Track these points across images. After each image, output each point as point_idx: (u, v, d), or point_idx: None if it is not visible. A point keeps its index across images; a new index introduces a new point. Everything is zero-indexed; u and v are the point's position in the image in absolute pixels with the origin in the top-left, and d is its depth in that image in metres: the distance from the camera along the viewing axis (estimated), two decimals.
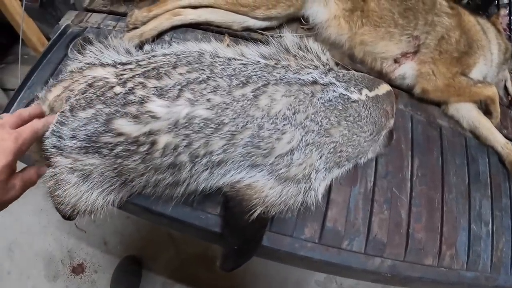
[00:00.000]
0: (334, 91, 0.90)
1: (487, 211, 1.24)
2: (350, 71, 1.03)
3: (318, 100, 0.87)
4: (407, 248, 1.08)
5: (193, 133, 0.76)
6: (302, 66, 0.93)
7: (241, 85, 0.82)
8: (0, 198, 0.67)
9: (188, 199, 0.89)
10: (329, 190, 1.04)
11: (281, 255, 1.01)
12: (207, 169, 0.81)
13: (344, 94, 0.91)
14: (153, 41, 1.16)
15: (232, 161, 0.82)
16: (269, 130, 0.81)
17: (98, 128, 0.74)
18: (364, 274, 1.07)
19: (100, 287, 1.67)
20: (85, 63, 0.89)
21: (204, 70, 0.83)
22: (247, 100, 0.81)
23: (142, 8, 1.19)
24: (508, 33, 1.47)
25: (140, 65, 0.85)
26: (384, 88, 1.04)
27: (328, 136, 0.88)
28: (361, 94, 0.95)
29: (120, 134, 0.74)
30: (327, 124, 0.87)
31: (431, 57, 1.23)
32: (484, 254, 1.19)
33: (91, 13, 1.27)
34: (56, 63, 1.13)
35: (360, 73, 1.05)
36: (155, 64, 0.84)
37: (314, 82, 0.89)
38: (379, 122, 0.99)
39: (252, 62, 0.89)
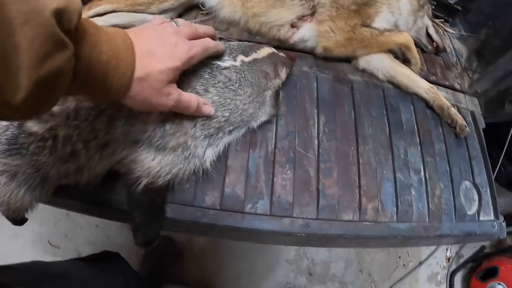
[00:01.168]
0: (200, 62, 0.93)
1: (417, 158, 1.18)
2: (229, 43, 1.06)
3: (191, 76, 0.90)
4: (318, 206, 1.04)
5: (80, 122, 0.83)
6: None
7: None
8: (149, 98, 0.63)
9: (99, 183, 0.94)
10: (226, 157, 1.05)
11: (187, 226, 1.02)
12: (97, 151, 0.87)
13: (213, 64, 0.94)
14: None
15: (116, 141, 0.87)
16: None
17: (14, 131, 0.83)
18: (276, 236, 1.04)
19: None
20: None
21: None
22: None
23: None
24: None
25: None
26: (265, 51, 1.06)
27: None
28: (235, 60, 0.98)
29: (31, 134, 0.83)
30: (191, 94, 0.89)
31: (328, 15, 1.22)
32: (418, 203, 1.13)
33: None
34: None
35: (242, 42, 1.08)
36: None
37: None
38: (258, 83, 1.00)
39: None
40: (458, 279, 2.38)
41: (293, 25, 1.25)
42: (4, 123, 0.84)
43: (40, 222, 1.92)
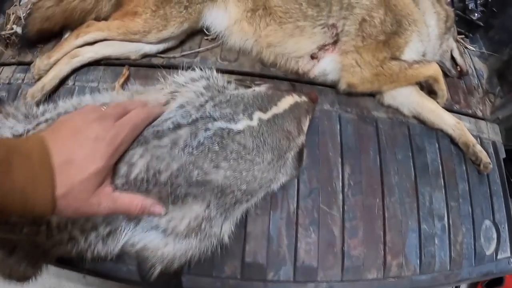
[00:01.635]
0: (207, 129, 0.78)
1: (441, 204, 1.13)
2: (242, 92, 0.91)
3: (181, 150, 0.76)
4: (343, 267, 1.00)
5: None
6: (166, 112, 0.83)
7: None
8: (79, 210, 0.56)
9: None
10: (244, 224, 0.96)
11: None
12: (99, 240, 0.78)
13: (223, 128, 0.80)
14: (56, 90, 1.10)
15: (120, 229, 0.77)
16: None
17: None
18: None
19: None
20: None
21: None
22: None
23: (43, 56, 1.11)
24: None
25: None
26: (286, 102, 0.91)
27: (207, 184, 0.78)
28: (251, 119, 0.83)
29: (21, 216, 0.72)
30: (199, 176, 0.76)
31: (353, 45, 1.07)
32: (440, 252, 1.10)
33: (2, 67, 1.21)
34: None
35: (258, 91, 0.93)
36: None
37: (177, 127, 0.77)
38: (279, 146, 0.87)
39: None
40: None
41: (313, 56, 1.10)
42: None
43: None
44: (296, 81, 1.13)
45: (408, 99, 1.14)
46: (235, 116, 0.81)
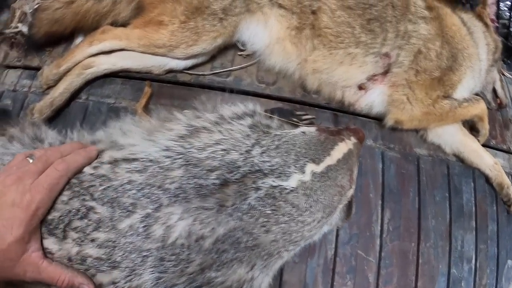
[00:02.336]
0: (258, 188, 0.68)
1: (471, 246, 1.10)
2: (291, 135, 0.79)
3: (229, 215, 0.66)
4: None
5: (89, 268, 0.64)
6: (208, 152, 0.71)
7: (126, 214, 0.65)
8: (5, 276, 0.56)
9: None
10: (281, 271, 0.90)
11: None
12: None
13: (275, 186, 0.69)
14: (68, 105, 0.95)
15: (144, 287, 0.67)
16: (171, 261, 0.65)
17: None
18: None
19: None
20: None
21: (84, 195, 0.66)
22: (137, 235, 0.64)
23: (52, 64, 0.94)
24: (496, 23, 1.17)
25: None
26: (340, 150, 0.80)
27: (255, 249, 0.70)
28: (303, 173, 0.72)
29: None
30: (248, 242, 0.67)
31: (405, 78, 0.98)
32: None
33: (6, 69, 1.03)
34: None
35: (309, 134, 0.82)
36: None
37: (223, 184, 0.67)
38: (331, 203, 0.78)
39: (142, 168, 0.69)
40: None
41: (361, 87, 0.99)
42: None
43: None
44: (339, 111, 1.03)
45: (452, 138, 1.07)
46: (286, 169, 0.71)
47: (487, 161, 1.11)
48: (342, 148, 0.81)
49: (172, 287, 0.69)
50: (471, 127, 1.12)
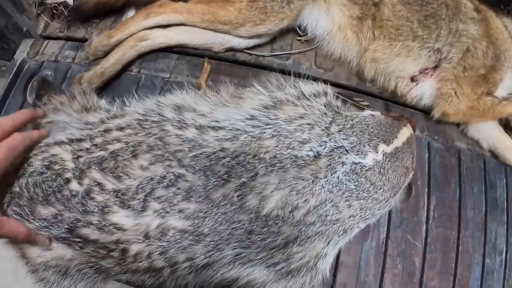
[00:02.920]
0: (343, 163, 0.71)
1: (502, 239, 1.15)
2: (362, 116, 0.82)
3: (322, 187, 0.68)
4: None
5: (168, 244, 0.64)
6: (296, 124, 0.73)
7: (221, 182, 0.65)
8: None
9: None
10: (339, 252, 0.91)
11: None
12: (190, 272, 0.69)
13: (356, 163, 0.72)
14: (118, 76, 0.93)
15: (219, 263, 0.69)
16: (259, 234, 0.67)
17: (62, 234, 0.64)
18: None
19: None
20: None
21: (171, 160, 0.66)
22: (231, 205, 0.65)
23: (102, 34, 0.94)
24: None
25: (95, 144, 0.69)
26: (405, 133, 0.85)
27: (336, 223, 0.72)
28: (377, 152, 0.75)
29: (87, 240, 0.64)
30: (334, 215, 0.70)
31: (453, 73, 1.03)
32: (495, 286, 1.12)
33: (47, 40, 1.02)
34: (16, 109, 0.94)
35: (378, 117, 0.85)
36: (112, 146, 0.68)
37: (317, 157, 0.69)
38: (398, 183, 0.81)
39: (232, 137, 0.70)
40: None
41: (413, 79, 1.04)
42: (47, 213, 0.65)
43: None
44: (390, 101, 1.07)
45: (490, 134, 1.13)
46: (362, 148, 0.74)
47: None
48: (406, 132, 0.85)
49: (248, 263, 0.70)
50: (505, 125, 1.19)
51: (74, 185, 0.64)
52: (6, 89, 0.92)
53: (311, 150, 0.70)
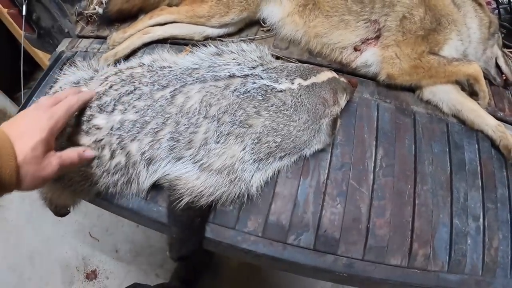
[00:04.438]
0: (254, 82, 0.92)
1: (477, 204, 1.09)
2: (287, 63, 1.03)
3: (231, 92, 0.90)
4: (366, 245, 0.99)
5: (123, 132, 0.88)
6: (225, 64, 0.98)
7: (161, 88, 0.92)
8: (36, 173, 0.69)
9: (144, 194, 0.98)
10: (275, 183, 1.02)
11: (225, 248, 1.00)
12: (143, 167, 0.90)
13: (267, 85, 0.93)
14: (127, 58, 1.29)
15: (160, 157, 0.90)
16: (184, 125, 0.88)
17: (62, 143, 0.88)
18: (316, 272, 1.00)
19: None
20: (63, 83, 1.04)
21: (133, 82, 0.94)
22: (165, 100, 0.90)
23: (119, 31, 1.32)
24: (494, 7, 1.31)
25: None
26: (325, 75, 1.01)
27: (247, 127, 0.89)
28: (292, 83, 0.95)
29: (78, 145, 0.89)
30: (242, 116, 0.89)
31: (393, 39, 1.15)
32: (473, 254, 1.04)
33: (81, 39, 1.44)
34: (52, 84, 1.30)
35: (301, 64, 1.04)
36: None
37: (231, 76, 0.93)
38: (315, 110, 0.96)
39: (178, 69, 0.97)
40: None
41: (356, 48, 1.19)
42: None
43: (84, 213, 1.99)
44: (340, 71, 1.21)
45: (448, 96, 1.16)
46: (279, 79, 0.95)
47: (489, 121, 1.15)
48: (327, 74, 1.03)
49: (180, 159, 0.89)
50: (471, 93, 1.20)
51: None
52: (47, 69, 1.32)
53: (228, 72, 0.94)
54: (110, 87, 0.94)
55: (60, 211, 1.11)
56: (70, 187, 0.93)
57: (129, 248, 1.90)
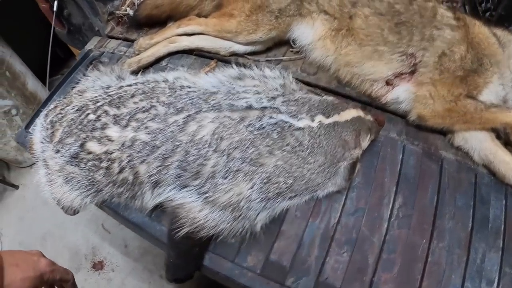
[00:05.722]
0: (270, 117, 0.87)
1: (494, 266, 1.01)
2: (310, 96, 0.97)
3: (245, 127, 0.85)
4: None
5: (134, 152, 0.88)
6: (244, 92, 0.93)
7: (175, 112, 0.89)
8: None
9: (148, 212, 0.99)
10: (282, 221, 0.98)
11: (222, 278, 0.98)
12: (149, 188, 0.90)
13: (285, 121, 0.88)
14: (151, 66, 1.26)
15: (167, 182, 0.88)
16: (193, 155, 0.86)
17: (76, 149, 0.91)
18: None
19: (115, 286, 1.82)
20: (85, 86, 1.07)
21: (152, 98, 0.93)
22: (177, 126, 0.87)
23: (146, 36, 1.29)
24: None
25: (110, 95, 0.98)
26: (349, 113, 0.95)
27: (257, 166, 0.85)
28: (313, 120, 0.90)
29: (89, 153, 0.91)
30: (253, 153, 0.84)
31: (429, 77, 1.06)
32: None
33: (110, 39, 1.43)
34: (78, 81, 1.31)
35: (325, 98, 0.98)
36: (121, 94, 0.97)
37: (248, 108, 0.89)
38: (333, 153, 0.90)
39: (196, 91, 0.95)
40: None
41: (388, 83, 1.10)
42: (70, 140, 0.93)
43: None
44: (368, 104, 1.14)
45: (480, 144, 1.07)
46: (299, 115, 0.89)
47: None
48: (352, 112, 0.96)
49: (186, 187, 0.88)
50: (506, 142, 1.11)
51: (91, 116, 0.94)
52: (74, 66, 1.32)
53: (246, 102, 0.90)
54: (132, 96, 0.95)
55: (68, 211, 1.13)
56: (77, 190, 0.95)
57: (138, 245, 1.92)
